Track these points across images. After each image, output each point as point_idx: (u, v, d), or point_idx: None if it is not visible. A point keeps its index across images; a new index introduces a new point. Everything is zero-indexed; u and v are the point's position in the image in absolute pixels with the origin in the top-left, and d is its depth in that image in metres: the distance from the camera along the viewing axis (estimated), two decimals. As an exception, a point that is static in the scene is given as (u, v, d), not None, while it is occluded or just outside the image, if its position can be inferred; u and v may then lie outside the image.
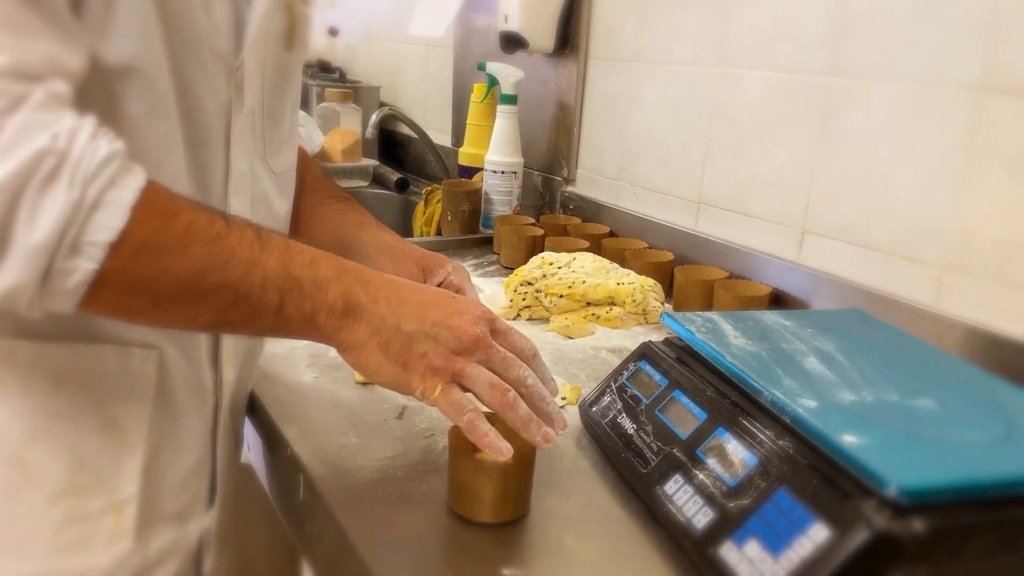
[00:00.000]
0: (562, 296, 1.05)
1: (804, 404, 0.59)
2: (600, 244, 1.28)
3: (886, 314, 0.87)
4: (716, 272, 1.14)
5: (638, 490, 0.65)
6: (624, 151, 1.38)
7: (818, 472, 0.53)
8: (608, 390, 0.75)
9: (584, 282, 1.06)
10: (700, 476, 0.60)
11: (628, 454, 0.67)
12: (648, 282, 1.08)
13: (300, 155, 0.83)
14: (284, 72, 0.72)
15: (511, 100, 1.47)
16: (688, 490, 0.59)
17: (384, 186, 2.05)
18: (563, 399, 0.82)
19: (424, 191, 1.75)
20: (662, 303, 1.09)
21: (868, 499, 0.49)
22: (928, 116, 0.90)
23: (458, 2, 1.84)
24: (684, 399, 0.66)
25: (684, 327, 0.73)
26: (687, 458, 0.62)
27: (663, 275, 1.16)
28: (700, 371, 0.69)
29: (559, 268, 1.11)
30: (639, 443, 0.67)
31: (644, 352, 0.75)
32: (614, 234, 1.36)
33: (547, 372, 0.66)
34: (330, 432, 0.74)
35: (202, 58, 0.61)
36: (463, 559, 0.58)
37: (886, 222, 0.95)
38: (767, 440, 0.58)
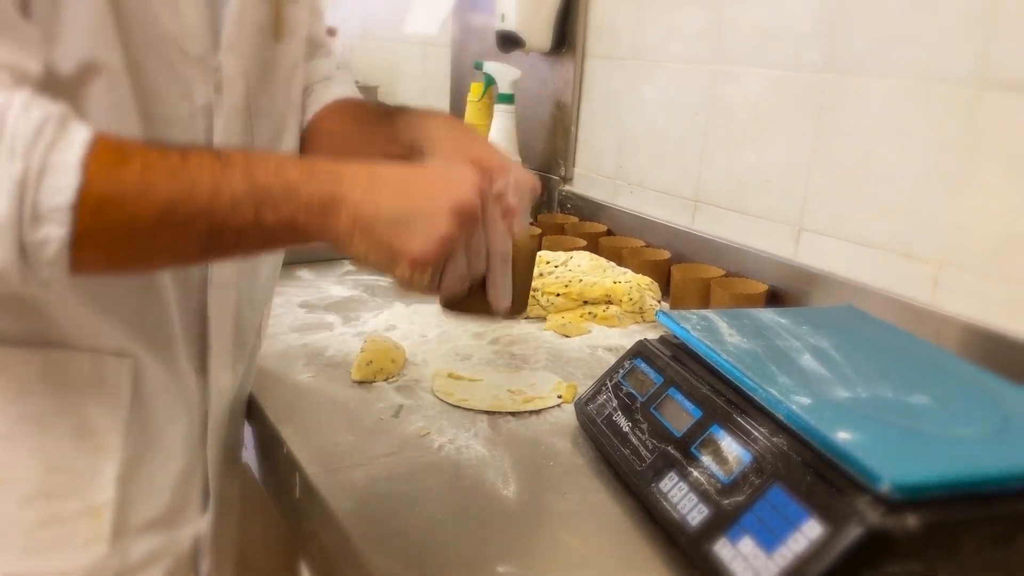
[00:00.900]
0: (559, 295, 1.06)
1: (798, 401, 0.59)
2: (597, 243, 1.28)
3: (883, 311, 0.87)
4: (713, 270, 1.14)
5: (633, 487, 0.65)
6: (621, 150, 1.38)
7: (812, 469, 0.53)
8: (604, 388, 0.75)
9: (581, 281, 1.06)
10: (695, 473, 0.60)
11: (623, 452, 0.67)
12: (645, 280, 1.09)
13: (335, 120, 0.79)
14: (273, 66, 0.70)
15: (508, 99, 1.47)
16: (683, 487, 0.60)
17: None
18: (559, 397, 0.82)
19: (422, 190, 1.75)
20: (659, 301, 1.09)
21: (862, 495, 0.49)
22: (924, 112, 0.90)
23: (453, 1, 1.84)
24: (679, 396, 0.67)
25: (679, 325, 0.73)
26: (682, 455, 0.62)
27: (660, 273, 1.16)
28: (695, 369, 0.69)
29: (556, 267, 1.11)
30: (634, 440, 0.67)
31: (640, 350, 0.75)
32: (611, 233, 1.36)
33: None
34: (326, 431, 0.74)
35: (170, 60, 0.59)
36: (459, 556, 0.59)
37: (882, 218, 0.95)
38: (761, 437, 0.58)
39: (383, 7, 2.24)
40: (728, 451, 0.59)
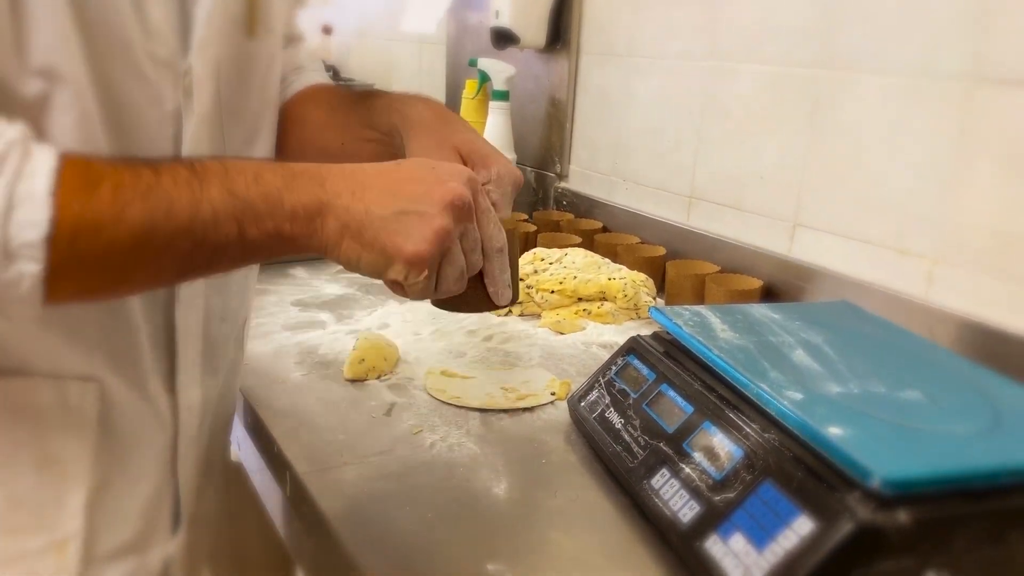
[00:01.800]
0: (553, 292, 1.05)
1: (789, 396, 0.59)
2: (593, 240, 1.28)
3: (878, 306, 0.87)
4: (708, 266, 1.13)
5: (625, 484, 0.64)
6: (616, 146, 1.37)
7: (803, 464, 0.53)
8: (596, 385, 0.75)
9: (575, 278, 1.06)
10: (686, 470, 0.59)
11: (616, 448, 0.67)
12: (640, 277, 1.08)
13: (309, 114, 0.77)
14: (247, 64, 0.66)
15: (503, 96, 1.47)
16: (674, 484, 0.59)
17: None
18: (553, 394, 0.82)
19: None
20: (654, 298, 1.09)
21: (852, 491, 0.49)
22: (919, 107, 0.89)
23: (449, -1, 1.84)
24: (671, 393, 0.66)
25: (672, 321, 0.73)
26: (674, 452, 0.61)
27: (655, 270, 1.16)
28: (687, 365, 0.69)
29: (550, 264, 1.10)
30: (627, 437, 0.66)
31: (632, 346, 0.75)
32: (607, 229, 1.36)
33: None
34: (317, 430, 0.74)
35: (136, 64, 0.56)
36: (449, 554, 0.58)
37: (877, 214, 0.95)
38: (753, 433, 0.57)
39: (379, 5, 2.23)
40: (720, 447, 0.59)
